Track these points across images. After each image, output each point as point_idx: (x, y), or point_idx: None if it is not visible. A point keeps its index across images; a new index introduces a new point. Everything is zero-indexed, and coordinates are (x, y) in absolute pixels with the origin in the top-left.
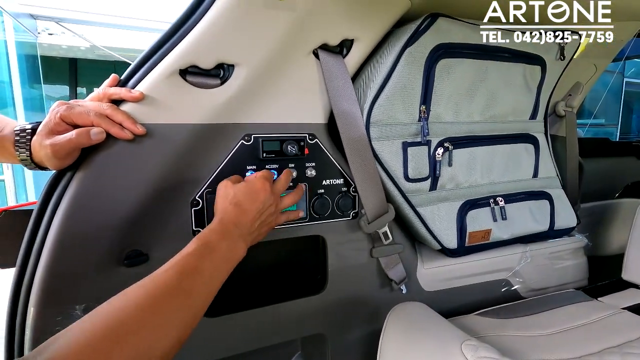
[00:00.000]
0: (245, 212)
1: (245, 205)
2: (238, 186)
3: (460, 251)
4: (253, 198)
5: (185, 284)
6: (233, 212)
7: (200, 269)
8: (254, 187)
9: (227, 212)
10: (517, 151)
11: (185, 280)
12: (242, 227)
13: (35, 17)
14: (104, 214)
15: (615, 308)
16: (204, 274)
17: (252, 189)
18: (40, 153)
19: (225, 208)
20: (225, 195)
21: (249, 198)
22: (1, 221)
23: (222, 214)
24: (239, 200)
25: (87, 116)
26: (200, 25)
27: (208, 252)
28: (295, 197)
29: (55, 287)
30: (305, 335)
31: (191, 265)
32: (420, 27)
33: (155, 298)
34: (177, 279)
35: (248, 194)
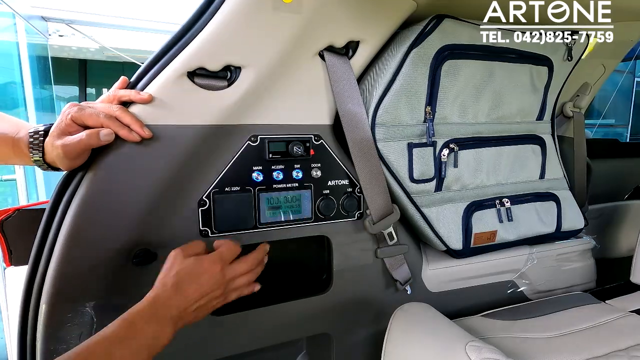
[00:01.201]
0: (183, 295)
1: (185, 288)
2: (185, 263)
3: (465, 252)
4: (196, 280)
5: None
6: (169, 292)
7: (111, 356)
8: (200, 268)
9: (164, 291)
10: (523, 152)
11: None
12: (174, 310)
13: (46, 19)
14: (113, 213)
15: (623, 311)
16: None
17: (197, 270)
18: (53, 154)
19: (164, 285)
20: (169, 269)
21: (192, 280)
22: (14, 220)
23: (158, 291)
24: (180, 280)
25: (97, 117)
26: (208, 29)
27: (129, 336)
28: (253, 276)
29: (67, 284)
30: (310, 335)
31: (102, 352)
32: (426, 29)
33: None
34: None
35: (192, 275)
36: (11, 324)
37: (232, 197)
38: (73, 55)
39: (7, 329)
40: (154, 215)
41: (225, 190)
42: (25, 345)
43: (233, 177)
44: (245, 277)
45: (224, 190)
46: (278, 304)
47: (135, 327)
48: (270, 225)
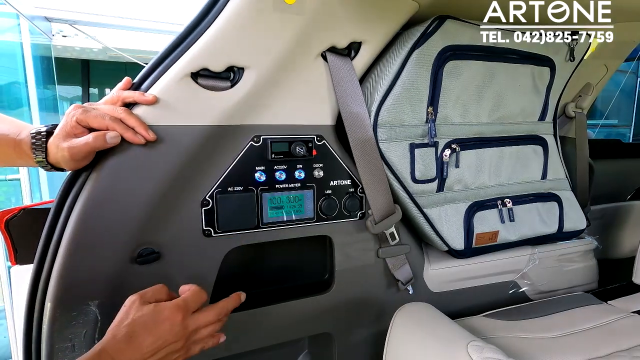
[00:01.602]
0: (136, 348)
1: (139, 339)
2: (142, 310)
3: (467, 252)
4: (152, 331)
5: None
6: (120, 344)
7: None
8: (159, 317)
9: (114, 343)
10: (525, 153)
11: None
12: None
13: (49, 20)
14: (117, 213)
15: (625, 312)
16: None
17: (156, 319)
18: (58, 155)
19: (114, 336)
20: (123, 317)
21: (148, 330)
22: (20, 219)
23: (106, 344)
24: (134, 330)
25: (102, 120)
26: (211, 30)
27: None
28: (217, 327)
29: (71, 283)
30: (312, 334)
31: None
32: (428, 29)
33: None
34: None
35: (148, 324)
36: (16, 322)
37: (235, 197)
38: (76, 55)
39: (12, 328)
40: (157, 215)
41: (228, 190)
42: (31, 343)
43: (236, 177)
44: (209, 327)
45: (227, 190)
46: (280, 303)
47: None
48: (273, 225)
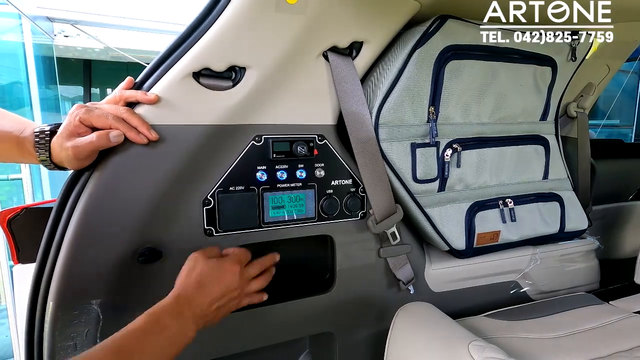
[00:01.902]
0: (206, 293)
1: (208, 287)
2: (207, 263)
3: (468, 252)
4: (218, 279)
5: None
6: (192, 290)
7: (141, 350)
8: (222, 267)
9: (187, 289)
10: (526, 152)
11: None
12: (197, 308)
13: (51, 20)
14: (119, 212)
15: (626, 312)
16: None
17: (220, 269)
18: (61, 154)
19: (187, 284)
20: (191, 269)
21: (214, 279)
22: (22, 218)
23: (181, 290)
24: (203, 279)
25: (105, 119)
26: (213, 29)
27: (156, 331)
28: (264, 282)
29: (73, 282)
30: (313, 334)
31: (132, 345)
32: (429, 29)
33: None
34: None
35: (214, 274)
36: (18, 321)
37: (236, 196)
38: (78, 55)
39: (14, 327)
40: (159, 214)
41: (229, 189)
42: (33, 342)
43: (237, 177)
44: (258, 282)
45: (229, 190)
46: (281, 302)
47: (161, 323)
48: (274, 225)
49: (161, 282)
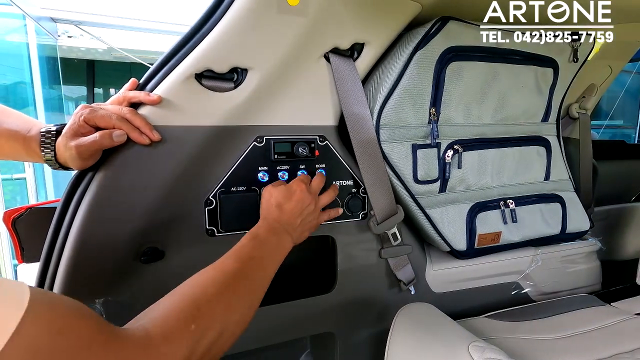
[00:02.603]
0: (285, 210)
1: (285, 205)
2: (278, 189)
3: (469, 253)
4: (290, 198)
5: (245, 269)
6: (275, 211)
7: (255, 257)
8: (291, 188)
9: (270, 212)
10: (528, 154)
11: (243, 266)
12: (284, 224)
13: (55, 20)
14: (122, 212)
15: (628, 313)
16: (259, 261)
17: (289, 190)
18: (66, 154)
19: (268, 208)
20: (267, 198)
21: (287, 198)
22: (26, 218)
23: (266, 214)
24: (279, 201)
25: (109, 119)
26: (215, 31)
27: (259, 244)
28: (332, 195)
29: (77, 281)
30: (314, 334)
31: (247, 254)
32: (430, 31)
33: (223, 279)
34: (237, 266)
35: (286, 195)
36: None
37: (238, 197)
38: (81, 55)
39: None
40: (161, 214)
41: (231, 190)
42: None
43: (239, 177)
44: (326, 195)
45: (230, 190)
46: (282, 302)
47: (261, 238)
48: None
49: (163, 281)
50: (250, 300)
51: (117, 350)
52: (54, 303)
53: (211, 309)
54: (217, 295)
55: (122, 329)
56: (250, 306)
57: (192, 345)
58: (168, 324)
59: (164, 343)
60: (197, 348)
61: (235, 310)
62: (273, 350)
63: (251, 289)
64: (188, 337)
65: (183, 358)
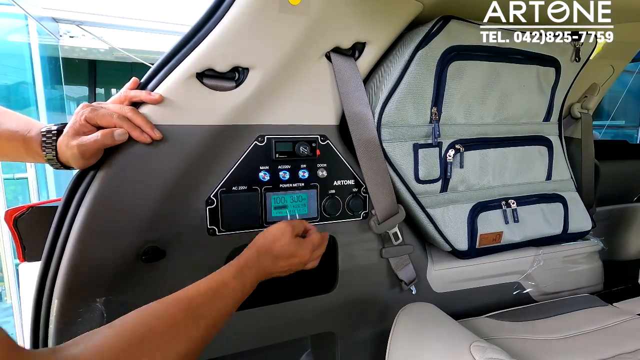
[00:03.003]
0: (276, 265)
1: (281, 261)
2: (291, 242)
3: (471, 253)
4: (290, 259)
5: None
6: (268, 260)
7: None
8: (298, 252)
9: (266, 256)
10: (530, 153)
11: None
12: (266, 273)
13: (57, 21)
14: (123, 211)
15: (630, 314)
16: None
17: (296, 253)
18: (67, 153)
19: (268, 251)
20: (275, 239)
21: (288, 258)
22: (28, 217)
23: (262, 254)
24: (280, 254)
25: (110, 118)
26: (216, 30)
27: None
28: (323, 250)
29: (78, 280)
30: (315, 334)
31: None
32: (432, 30)
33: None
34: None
35: (290, 255)
36: (24, 319)
37: (239, 196)
38: (83, 55)
39: (20, 325)
40: (162, 214)
41: (232, 189)
42: (38, 339)
43: (240, 177)
44: (318, 250)
45: (231, 190)
46: (283, 302)
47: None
48: None
49: (164, 280)
50: (200, 340)
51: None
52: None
53: (156, 349)
54: (168, 335)
55: (48, 355)
56: (199, 345)
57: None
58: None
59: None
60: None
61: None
62: (274, 350)
63: (205, 328)
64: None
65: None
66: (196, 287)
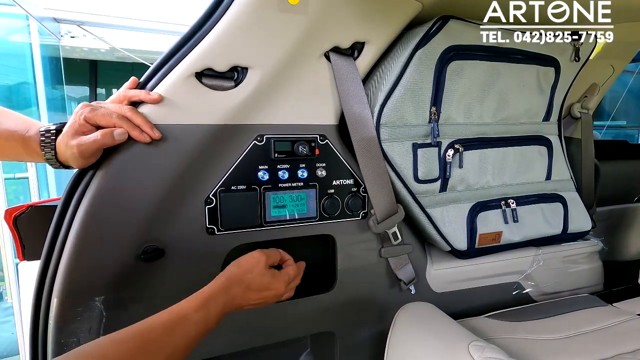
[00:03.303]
0: (248, 298)
1: (251, 294)
2: (264, 274)
3: (470, 253)
4: (263, 292)
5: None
6: (240, 290)
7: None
8: (272, 285)
9: (237, 286)
10: (529, 153)
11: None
12: (235, 305)
13: (58, 21)
14: (122, 210)
15: (630, 314)
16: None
17: (269, 286)
18: (67, 153)
19: (240, 281)
20: (248, 270)
21: (261, 290)
22: (28, 216)
23: (232, 281)
24: (251, 286)
25: (109, 118)
26: (215, 30)
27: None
28: (297, 282)
29: (77, 279)
30: (314, 333)
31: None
32: (431, 30)
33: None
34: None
35: (263, 287)
36: (24, 318)
37: (238, 195)
38: (84, 56)
39: (20, 324)
40: (161, 213)
41: (231, 188)
42: (37, 338)
43: (239, 176)
44: (293, 283)
45: (230, 189)
46: (282, 301)
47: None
48: (276, 224)
49: (163, 279)
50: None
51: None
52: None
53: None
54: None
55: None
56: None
57: None
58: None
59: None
60: None
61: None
62: (273, 349)
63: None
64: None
65: None
66: (155, 319)
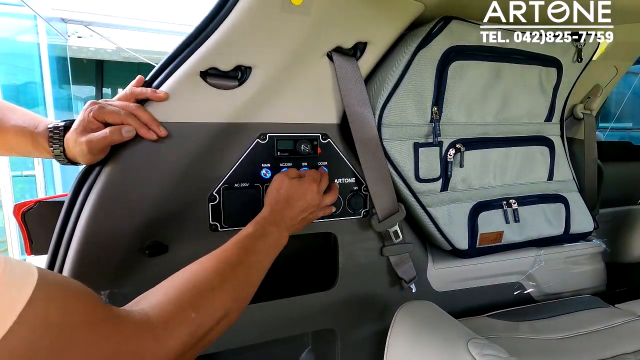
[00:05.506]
0: (294, 207)
1: (293, 202)
2: (291, 183)
3: (471, 252)
4: (301, 196)
5: (246, 259)
6: (282, 205)
7: (256, 249)
8: (303, 186)
9: (278, 204)
10: (531, 153)
11: (245, 256)
12: (287, 219)
13: (65, 21)
14: (128, 206)
15: (632, 315)
16: (259, 253)
17: (301, 187)
18: (75, 149)
19: (277, 199)
20: (278, 188)
21: (298, 196)
22: (35, 211)
23: (273, 205)
24: (290, 195)
25: (117, 115)
26: (220, 30)
27: (262, 235)
28: (334, 196)
29: (83, 273)
30: (316, 330)
31: (249, 244)
32: (433, 30)
33: (225, 267)
34: (239, 255)
35: (298, 192)
36: None
37: (241, 193)
38: (91, 56)
39: None
40: (166, 209)
41: (234, 186)
42: None
43: (242, 174)
44: (329, 196)
45: (234, 187)
46: (284, 298)
47: (266, 229)
48: None
49: (167, 274)
50: (247, 290)
51: (118, 330)
52: (59, 282)
53: (211, 296)
54: (218, 283)
55: (123, 309)
56: (247, 296)
57: (191, 331)
58: (168, 310)
59: (163, 329)
60: (194, 334)
61: (233, 298)
62: (275, 346)
63: (250, 279)
64: (187, 324)
65: (181, 344)
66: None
